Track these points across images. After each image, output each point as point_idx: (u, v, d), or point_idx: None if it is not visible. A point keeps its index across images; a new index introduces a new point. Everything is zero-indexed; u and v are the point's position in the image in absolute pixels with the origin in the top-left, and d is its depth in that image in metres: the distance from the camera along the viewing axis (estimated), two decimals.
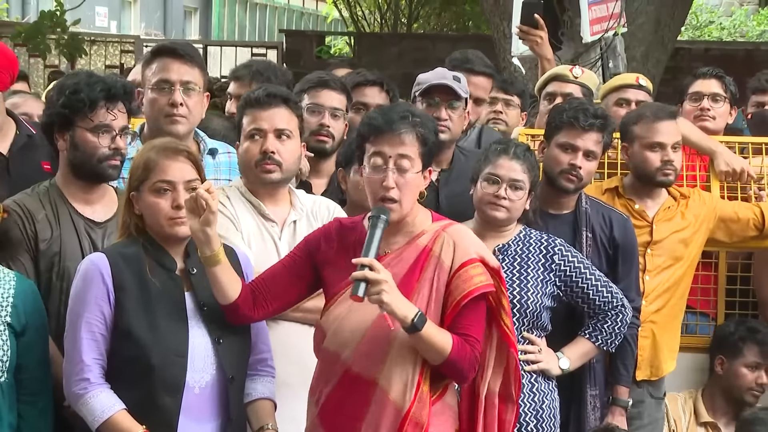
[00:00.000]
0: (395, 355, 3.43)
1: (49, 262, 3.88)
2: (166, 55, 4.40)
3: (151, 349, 3.48)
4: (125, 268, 3.53)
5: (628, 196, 4.87)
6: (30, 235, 3.87)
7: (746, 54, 13.22)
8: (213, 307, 3.60)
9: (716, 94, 5.55)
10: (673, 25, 8.71)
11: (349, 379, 3.48)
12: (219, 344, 3.59)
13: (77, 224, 3.94)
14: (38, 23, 10.38)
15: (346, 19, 17.85)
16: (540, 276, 4.29)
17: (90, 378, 3.48)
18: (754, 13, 21.13)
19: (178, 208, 3.56)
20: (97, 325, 3.50)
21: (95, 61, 13.79)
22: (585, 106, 4.60)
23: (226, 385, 3.61)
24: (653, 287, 4.76)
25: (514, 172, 4.27)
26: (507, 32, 7.43)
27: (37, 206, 3.92)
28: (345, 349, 3.49)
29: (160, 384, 3.49)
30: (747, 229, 4.94)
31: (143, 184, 3.58)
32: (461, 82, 4.84)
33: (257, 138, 4.04)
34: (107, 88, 3.92)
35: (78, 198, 3.98)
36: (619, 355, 4.57)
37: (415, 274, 3.47)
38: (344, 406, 3.49)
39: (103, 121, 3.92)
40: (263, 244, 4.03)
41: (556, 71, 5.59)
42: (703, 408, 5.16)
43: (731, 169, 5.15)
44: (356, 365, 3.46)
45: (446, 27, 17.17)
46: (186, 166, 3.61)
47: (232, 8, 32.21)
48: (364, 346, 3.46)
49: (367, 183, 3.51)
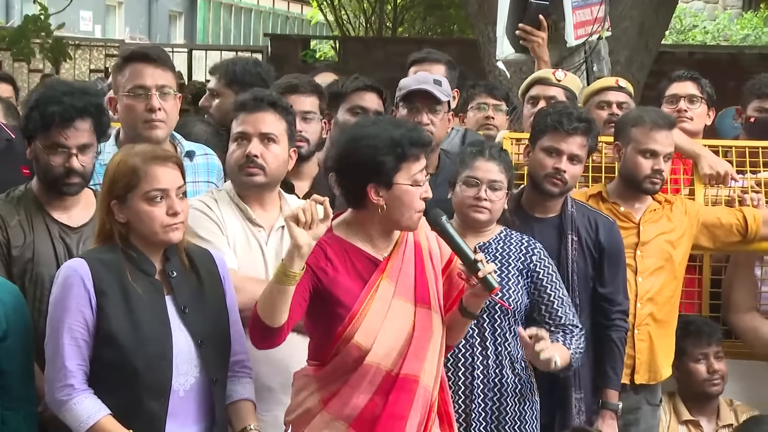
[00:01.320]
0: (431, 350, 3.63)
1: (22, 268, 3.86)
2: (138, 60, 4.36)
3: (135, 354, 3.47)
4: (105, 274, 3.51)
5: (612, 200, 4.88)
6: (2, 242, 3.86)
7: (730, 58, 13.26)
8: (193, 309, 3.61)
9: (692, 96, 5.57)
10: (657, 29, 8.74)
11: (391, 383, 3.57)
12: (201, 346, 3.59)
13: (51, 230, 3.93)
14: (22, 27, 10.35)
15: (331, 23, 17.84)
16: (519, 274, 4.30)
17: (74, 384, 3.46)
18: (738, 17, 21.20)
19: (174, 215, 3.55)
20: (79, 330, 3.48)
21: (80, 65, 13.75)
22: (569, 110, 4.61)
23: (210, 387, 3.61)
24: (647, 289, 4.77)
25: (492, 173, 4.29)
26: (492, 36, 7.42)
27: (11, 212, 3.90)
28: (389, 356, 3.57)
29: (145, 388, 3.49)
30: (730, 234, 4.95)
31: (131, 193, 3.54)
32: (442, 85, 4.84)
33: (242, 141, 4.05)
34: (61, 110, 3.86)
35: (53, 204, 3.97)
36: (607, 358, 4.58)
37: (421, 269, 3.67)
38: (387, 409, 3.55)
39: (56, 141, 3.88)
40: (249, 249, 4.03)
41: (539, 74, 5.60)
42: (683, 407, 5.18)
43: (715, 172, 5.17)
44: (403, 368, 3.57)
45: (431, 31, 17.19)
46: (176, 172, 3.60)
47: (217, 12, 32.17)
48: (411, 348, 3.58)
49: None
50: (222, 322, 3.70)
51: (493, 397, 4.19)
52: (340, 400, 3.58)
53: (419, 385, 3.59)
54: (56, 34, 10.47)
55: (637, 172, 4.78)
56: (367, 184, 3.56)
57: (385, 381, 3.56)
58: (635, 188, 4.83)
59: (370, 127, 3.63)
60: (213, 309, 3.68)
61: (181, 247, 3.66)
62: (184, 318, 3.60)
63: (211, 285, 3.70)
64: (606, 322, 4.59)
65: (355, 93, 5.04)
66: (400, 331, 3.58)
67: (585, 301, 4.56)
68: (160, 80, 4.34)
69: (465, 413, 4.15)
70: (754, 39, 18.84)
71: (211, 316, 3.66)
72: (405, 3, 16.83)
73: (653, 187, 4.80)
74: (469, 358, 4.20)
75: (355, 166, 3.56)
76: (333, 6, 16.96)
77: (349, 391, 3.58)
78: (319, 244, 3.54)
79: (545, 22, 6.04)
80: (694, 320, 5.16)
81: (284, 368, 3.92)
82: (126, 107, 4.34)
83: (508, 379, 4.21)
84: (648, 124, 4.77)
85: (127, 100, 4.33)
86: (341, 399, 3.58)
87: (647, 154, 4.76)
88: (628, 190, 4.86)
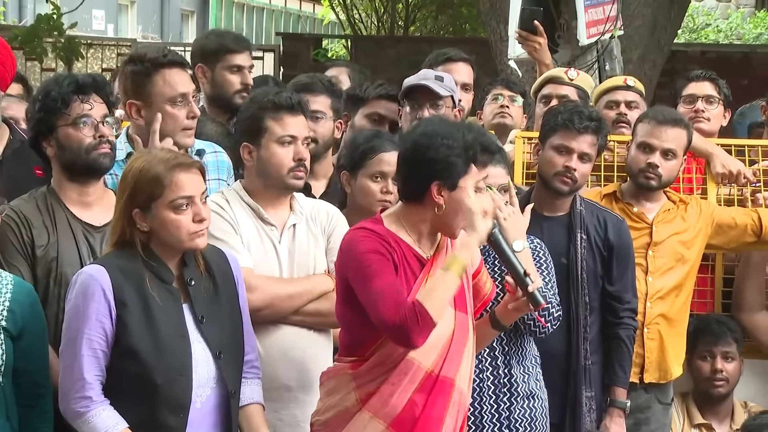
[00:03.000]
0: (466, 354, 3.60)
1: (47, 268, 3.85)
2: (174, 66, 4.31)
3: (155, 368, 3.44)
4: (125, 283, 3.47)
5: (626, 201, 4.88)
6: (26, 242, 3.85)
7: (743, 57, 13.20)
8: (210, 318, 3.58)
9: (710, 96, 5.56)
10: (669, 27, 8.71)
11: (431, 384, 3.53)
12: (219, 359, 3.57)
13: (75, 229, 3.92)
14: (35, 27, 10.34)
15: (343, 22, 17.84)
16: None
17: (92, 396, 3.43)
18: (751, 16, 21.13)
19: (201, 221, 3.52)
20: (98, 341, 3.44)
21: (92, 64, 13.76)
22: (580, 109, 4.62)
23: (227, 399, 3.59)
24: (657, 289, 4.77)
25: (500, 177, 4.28)
26: (504, 35, 7.42)
27: (34, 212, 3.89)
28: (430, 356, 3.52)
29: (165, 403, 3.46)
30: (745, 234, 4.95)
31: (155, 202, 3.49)
32: (444, 81, 4.85)
33: (289, 145, 4.01)
34: (75, 81, 3.90)
35: (75, 202, 3.95)
36: (616, 356, 4.58)
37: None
38: (426, 410, 3.52)
39: (80, 113, 3.89)
40: (263, 248, 4.02)
41: (552, 74, 5.61)
42: (696, 410, 5.17)
43: (728, 171, 5.16)
44: (443, 370, 3.53)
45: (443, 30, 17.16)
46: (199, 178, 3.56)
47: (229, 11, 32.19)
48: (450, 351, 3.54)
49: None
50: (237, 329, 3.68)
51: (503, 398, 4.18)
52: (380, 398, 3.53)
53: (455, 389, 3.56)
54: (69, 33, 10.47)
55: (632, 165, 4.83)
56: (432, 181, 3.49)
57: (426, 381, 3.52)
58: (635, 183, 4.84)
59: (444, 126, 3.57)
60: (229, 316, 3.65)
61: (198, 251, 3.62)
62: (202, 329, 3.56)
63: (225, 288, 3.67)
64: (615, 320, 4.60)
65: (376, 100, 5.05)
66: (442, 333, 3.52)
67: (594, 300, 4.56)
68: (191, 87, 4.33)
69: (474, 415, 4.13)
70: (767, 38, 18.79)
71: (227, 324, 3.63)
72: (417, 2, 16.80)
73: (647, 182, 4.79)
74: (478, 359, 4.19)
75: (425, 162, 3.49)
76: (345, 5, 16.94)
77: (389, 389, 3.53)
78: (379, 236, 3.50)
79: (541, 27, 6.03)
80: (708, 318, 5.15)
81: (302, 366, 3.93)
82: (170, 115, 4.25)
83: (518, 378, 4.20)
84: (653, 120, 4.80)
85: (171, 109, 4.26)
86: (381, 397, 3.53)
87: (644, 147, 4.77)
88: (640, 190, 4.86)
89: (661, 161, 4.77)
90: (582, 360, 4.50)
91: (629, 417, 4.67)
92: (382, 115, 5.06)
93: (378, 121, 5.07)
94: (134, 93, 4.30)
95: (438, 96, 4.80)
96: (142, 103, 4.28)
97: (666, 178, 4.81)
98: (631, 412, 4.67)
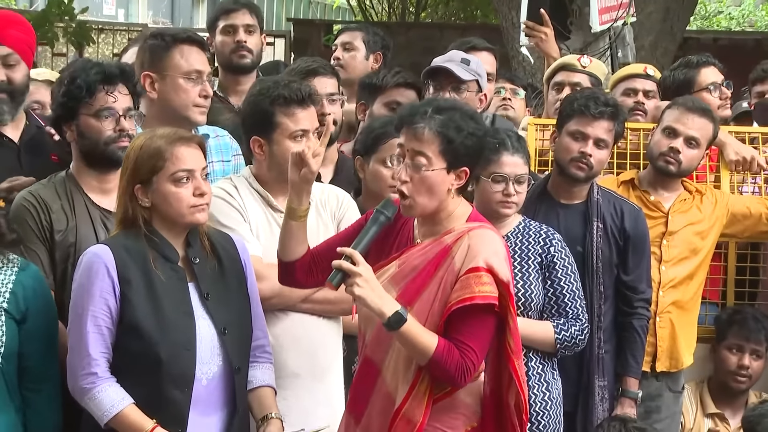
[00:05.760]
0: (398, 348, 3.39)
1: (65, 252, 3.86)
2: (193, 44, 4.36)
3: (159, 344, 3.47)
4: (129, 261, 3.50)
5: (643, 189, 4.87)
6: (45, 226, 3.86)
7: (755, 44, 13.17)
8: (216, 296, 3.60)
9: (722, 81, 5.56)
10: (682, 14, 8.70)
11: (365, 361, 3.50)
12: (224, 334, 3.58)
13: (93, 214, 3.93)
14: (46, 11, 10.34)
15: (354, 8, 17.80)
16: (539, 268, 4.30)
17: (98, 372, 3.46)
18: (763, 3, 21.07)
19: (201, 195, 3.55)
20: (103, 318, 3.47)
21: (103, 49, 13.76)
22: (596, 95, 4.61)
23: (233, 375, 3.60)
24: (670, 278, 4.77)
25: (518, 167, 4.28)
26: (516, 22, 7.41)
27: (53, 197, 3.90)
28: (367, 331, 3.50)
29: (169, 378, 3.48)
30: (759, 224, 4.95)
31: (156, 176, 3.52)
32: (470, 64, 4.83)
33: (301, 138, 3.97)
34: (103, 71, 3.90)
35: (93, 188, 3.97)
36: (628, 346, 4.58)
37: (430, 271, 3.40)
38: (359, 384, 3.51)
39: (103, 105, 3.89)
40: (272, 236, 4.00)
41: (564, 61, 5.59)
42: (710, 399, 5.17)
43: (741, 158, 5.15)
44: (369, 348, 3.48)
45: (454, 16, 17.11)
46: (199, 153, 3.60)
47: None
48: (376, 331, 3.45)
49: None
50: (244, 308, 3.69)
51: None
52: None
53: (379, 379, 3.43)
54: (80, 18, 10.47)
55: (654, 149, 4.82)
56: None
57: (365, 356, 3.50)
58: (654, 168, 4.82)
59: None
60: (235, 295, 3.67)
61: (202, 231, 3.65)
62: (207, 306, 3.58)
63: (232, 270, 3.69)
64: (628, 309, 4.59)
65: (395, 88, 5.04)
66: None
67: (609, 289, 4.55)
68: (207, 67, 4.37)
69: None
70: None
71: (234, 302, 3.66)
72: None
73: (667, 166, 4.78)
74: None
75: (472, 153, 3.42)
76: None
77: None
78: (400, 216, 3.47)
79: (547, 17, 6.01)
80: (746, 311, 5.13)
81: (311, 354, 3.92)
82: (182, 89, 4.31)
83: (532, 370, 4.19)
84: (680, 107, 4.80)
85: (184, 83, 4.31)
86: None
87: (669, 132, 4.77)
88: (658, 178, 4.85)
89: (684, 148, 4.76)
90: (596, 349, 4.50)
91: (640, 405, 4.67)
92: (401, 102, 5.05)
93: (397, 109, 5.06)
94: (150, 64, 4.35)
95: (460, 80, 4.79)
96: (157, 75, 4.32)
97: (686, 166, 4.80)
98: (642, 400, 4.67)
